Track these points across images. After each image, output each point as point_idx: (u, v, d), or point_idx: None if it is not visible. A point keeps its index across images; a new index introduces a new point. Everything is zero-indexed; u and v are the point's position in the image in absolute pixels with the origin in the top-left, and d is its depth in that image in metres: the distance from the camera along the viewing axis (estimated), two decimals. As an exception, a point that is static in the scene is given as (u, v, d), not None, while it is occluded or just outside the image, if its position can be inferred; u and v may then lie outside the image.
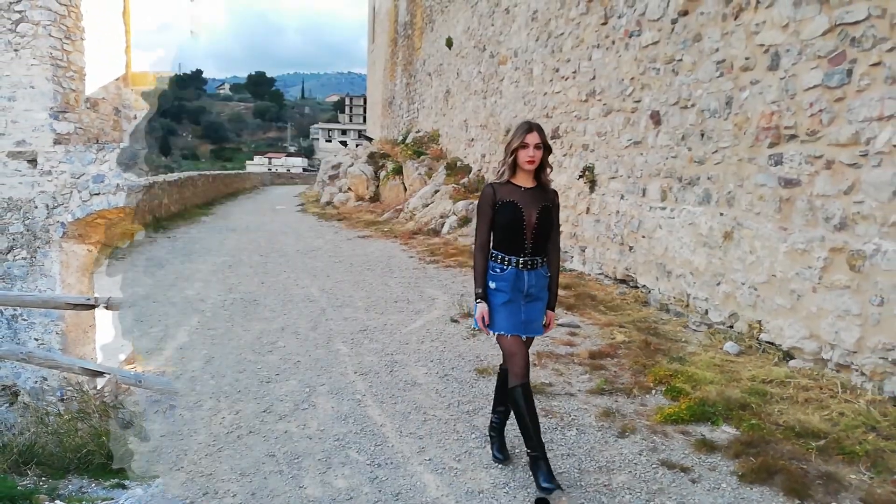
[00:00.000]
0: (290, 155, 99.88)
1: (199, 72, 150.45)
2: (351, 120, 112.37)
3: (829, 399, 4.11)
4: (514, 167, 3.18)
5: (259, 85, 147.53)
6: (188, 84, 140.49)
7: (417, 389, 4.48)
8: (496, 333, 3.18)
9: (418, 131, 21.04)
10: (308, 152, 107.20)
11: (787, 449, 3.49)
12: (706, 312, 5.95)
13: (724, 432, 3.73)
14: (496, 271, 3.18)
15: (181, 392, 4.35)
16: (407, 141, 20.55)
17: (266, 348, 5.38)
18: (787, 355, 4.91)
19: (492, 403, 3.60)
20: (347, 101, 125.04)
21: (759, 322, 5.27)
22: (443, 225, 12.82)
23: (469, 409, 4.12)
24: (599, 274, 8.15)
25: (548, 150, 3.19)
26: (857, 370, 4.35)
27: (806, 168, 4.89)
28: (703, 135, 6.14)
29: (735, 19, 5.72)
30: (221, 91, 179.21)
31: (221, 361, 5.01)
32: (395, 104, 27.43)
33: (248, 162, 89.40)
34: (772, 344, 5.09)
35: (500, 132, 12.59)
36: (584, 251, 8.67)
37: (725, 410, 3.96)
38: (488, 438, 3.56)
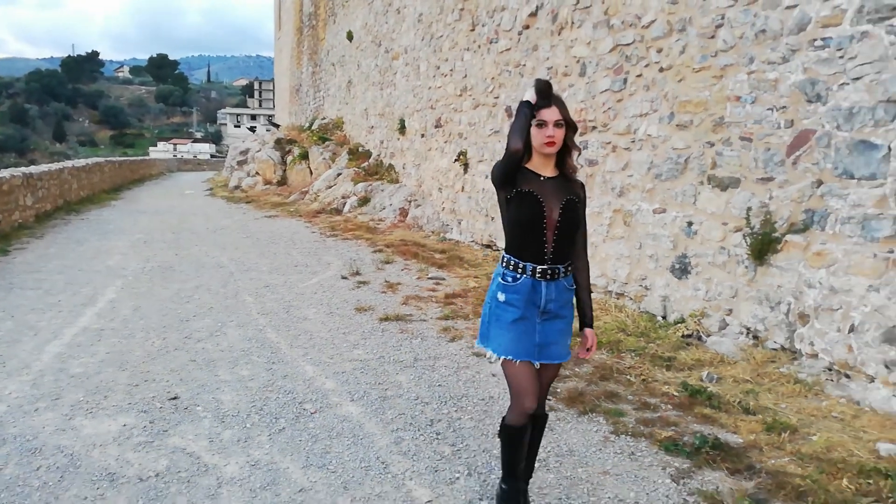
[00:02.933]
0: (196, 141, 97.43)
1: (94, 53, 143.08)
2: (261, 105, 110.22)
3: (605, 315, 5.77)
4: (529, 150, 2.51)
5: (161, 68, 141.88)
6: (83, 66, 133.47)
7: (307, 322, 5.82)
8: (501, 358, 2.53)
9: (324, 118, 22.09)
10: (216, 138, 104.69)
11: (561, 343, 5.09)
12: (541, 265, 7.57)
13: (524, 337, 5.30)
14: (507, 280, 2.54)
15: (116, 328, 5.50)
16: (313, 127, 21.56)
17: (184, 300, 6.54)
18: (588, 291, 6.59)
19: (500, 466, 2.79)
20: (257, 86, 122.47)
21: (573, 268, 6.93)
22: (344, 205, 14.09)
23: (345, 332, 5.50)
24: (471, 241, 9.72)
25: (572, 128, 2.53)
26: (627, 296, 6.05)
27: (601, 151, 6.55)
28: (539, 125, 7.74)
29: (559, 35, 7.33)
30: (120, 74, 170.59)
31: (147, 309, 6.15)
32: (302, 92, 28.21)
33: (151, 148, 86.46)
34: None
35: (396, 121, 13.95)
36: (460, 223, 10.22)
37: (529, 325, 5.52)
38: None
